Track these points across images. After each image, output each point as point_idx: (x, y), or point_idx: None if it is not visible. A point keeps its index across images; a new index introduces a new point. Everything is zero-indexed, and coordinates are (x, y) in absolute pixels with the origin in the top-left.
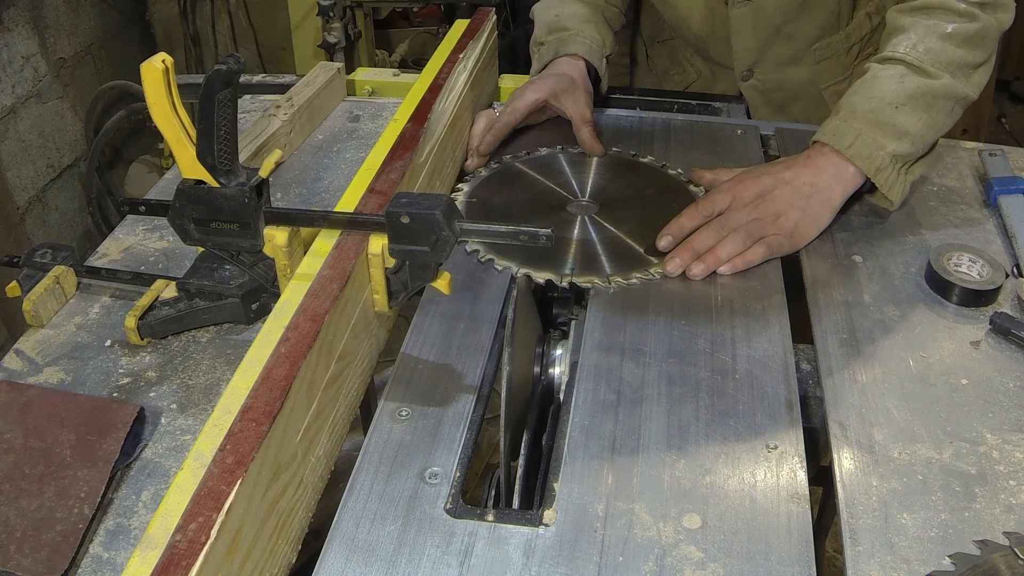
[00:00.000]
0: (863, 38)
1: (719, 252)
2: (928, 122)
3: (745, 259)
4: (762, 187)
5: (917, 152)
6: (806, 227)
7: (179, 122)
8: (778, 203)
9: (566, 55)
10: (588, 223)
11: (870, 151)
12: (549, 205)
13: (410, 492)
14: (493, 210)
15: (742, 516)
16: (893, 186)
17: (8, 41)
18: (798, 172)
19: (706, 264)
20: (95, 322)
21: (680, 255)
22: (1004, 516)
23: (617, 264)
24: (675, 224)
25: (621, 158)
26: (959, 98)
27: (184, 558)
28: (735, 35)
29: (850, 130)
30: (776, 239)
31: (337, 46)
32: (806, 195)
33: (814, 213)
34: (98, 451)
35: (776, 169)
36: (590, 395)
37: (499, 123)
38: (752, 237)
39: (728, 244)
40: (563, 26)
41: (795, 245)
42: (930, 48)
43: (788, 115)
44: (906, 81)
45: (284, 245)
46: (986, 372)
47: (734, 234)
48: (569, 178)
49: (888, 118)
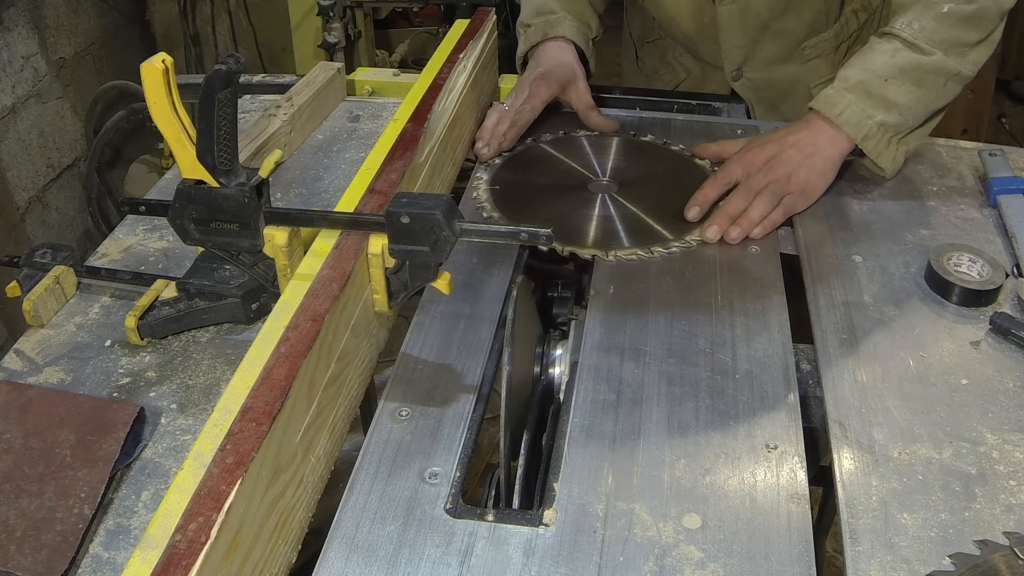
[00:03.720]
0: (851, 36)
1: (751, 214)
2: (918, 96)
3: (772, 220)
4: (769, 153)
5: (907, 124)
6: (815, 183)
7: (179, 122)
8: (787, 164)
9: (554, 38)
10: (608, 201)
11: (858, 119)
12: (570, 185)
13: (410, 492)
14: (516, 191)
15: (742, 516)
16: (882, 154)
17: (8, 41)
18: (799, 135)
19: (742, 227)
20: (95, 322)
21: (717, 222)
22: (1004, 516)
23: (635, 239)
24: (699, 195)
25: (642, 141)
26: (951, 74)
27: (184, 558)
28: (723, 33)
29: (841, 99)
30: (791, 198)
31: (337, 46)
32: (810, 154)
33: (820, 169)
34: (98, 451)
35: (778, 136)
36: (590, 395)
37: (522, 120)
38: (776, 196)
39: (758, 206)
40: (550, 8)
41: (808, 200)
42: (925, 26)
43: (779, 114)
44: (898, 56)
45: (284, 245)
46: (986, 372)
47: (760, 196)
48: (591, 159)
49: (878, 90)
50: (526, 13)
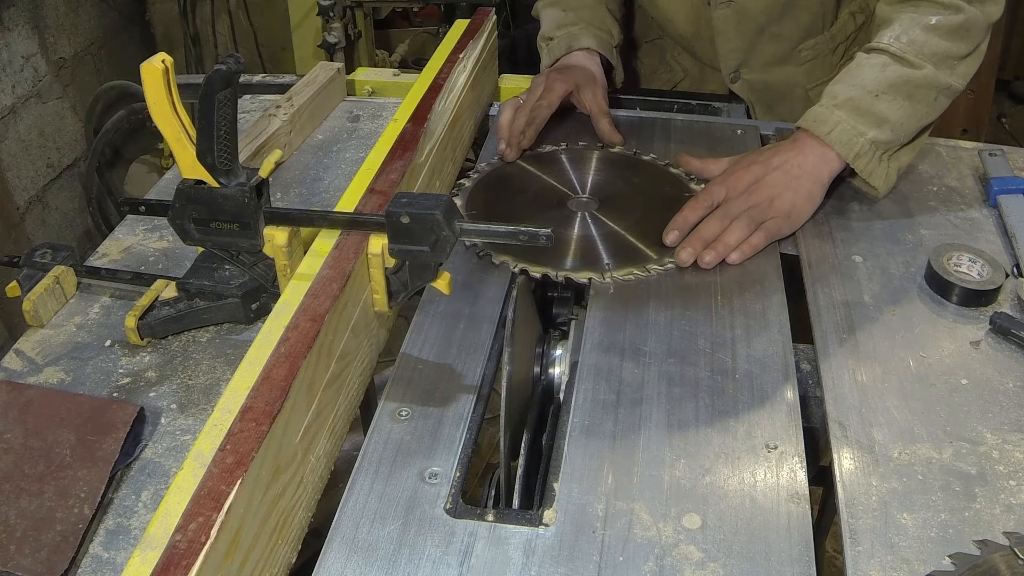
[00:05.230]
0: (848, 38)
1: (727, 239)
2: (909, 111)
3: (751, 245)
4: (754, 175)
5: (898, 140)
6: (801, 206)
7: (179, 122)
8: (772, 187)
9: (579, 49)
10: (588, 219)
11: (849, 138)
12: (549, 203)
13: (410, 492)
14: (494, 216)
15: (742, 516)
16: (874, 172)
17: (8, 41)
18: (785, 156)
19: (716, 252)
20: (95, 322)
21: (691, 245)
22: (1004, 516)
23: (617, 260)
24: (679, 218)
25: (621, 156)
26: (942, 88)
27: (184, 558)
28: (719, 36)
29: (831, 116)
30: (775, 223)
31: (337, 46)
32: (796, 176)
33: (807, 191)
34: (98, 451)
35: (764, 156)
36: (590, 395)
37: (540, 116)
38: (755, 221)
39: (734, 230)
40: (571, 20)
41: (793, 225)
42: (913, 39)
43: (777, 115)
44: (888, 70)
45: (284, 245)
46: (986, 372)
47: (738, 220)
48: (570, 175)
49: (868, 106)
50: (547, 26)
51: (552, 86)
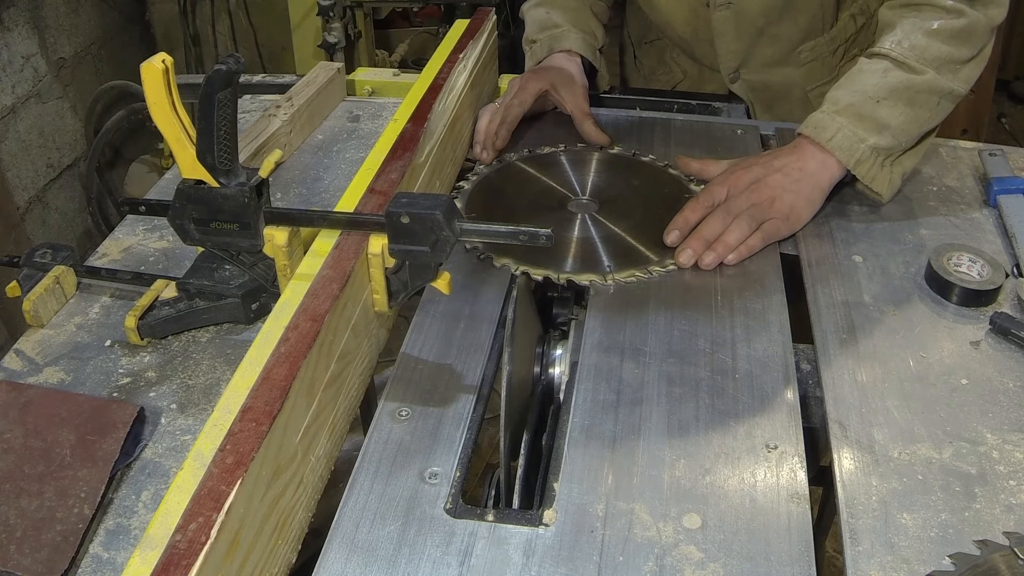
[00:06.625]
0: (848, 39)
1: (728, 239)
2: (911, 116)
3: (748, 246)
4: (754, 175)
5: (900, 145)
6: (801, 208)
7: (179, 122)
8: (772, 188)
9: (561, 51)
10: (588, 221)
11: (851, 144)
12: (549, 204)
13: (410, 492)
14: (493, 209)
15: (742, 516)
16: (876, 178)
17: (8, 41)
18: (786, 160)
19: (717, 253)
20: (95, 322)
21: (691, 245)
22: (1004, 516)
23: (617, 262)
24: (680, 218)
25: (621, 157)
26: (944, 93)
27: (184, 558)
28: (718, 38)
29: (832, 123)
30: (774, 224)
31: (337, 46)
32: (797, 179)
33: (807, 195)
34: (98, 451)
35: (764, 159)
36: (590, 395)
37: (510, 116)
38: (756, 221)
39: (735, 230)
40: (554, 23)
41: (792, 227)
42: (915, 44)
43: (776, 114)
44: (889, 76)
45: (284, 245)
46: (986, 372)
47: (738, 220)
48: (569, 177)
49: (869, 112)
50: (531, 29)
51: (525, 85)
